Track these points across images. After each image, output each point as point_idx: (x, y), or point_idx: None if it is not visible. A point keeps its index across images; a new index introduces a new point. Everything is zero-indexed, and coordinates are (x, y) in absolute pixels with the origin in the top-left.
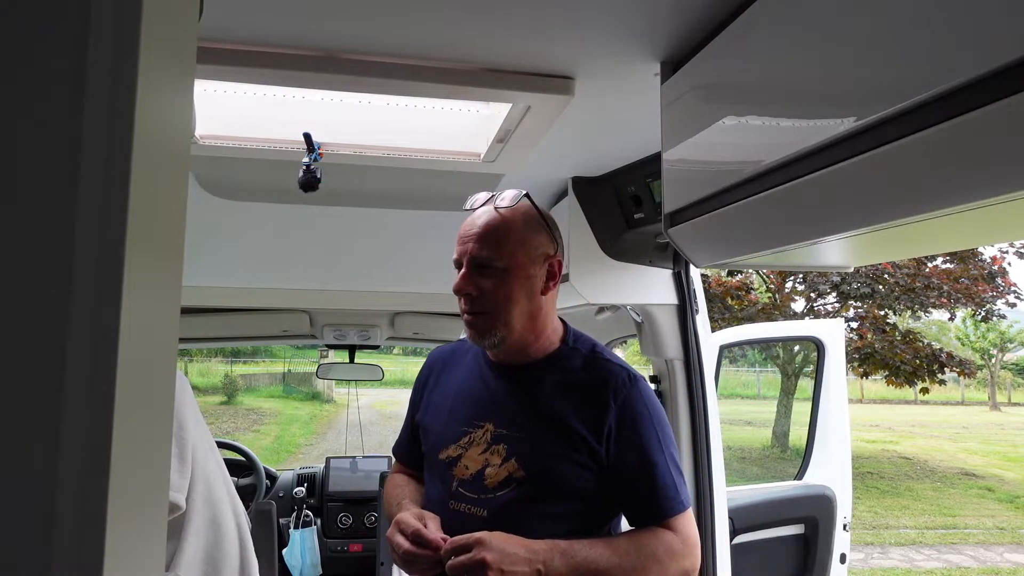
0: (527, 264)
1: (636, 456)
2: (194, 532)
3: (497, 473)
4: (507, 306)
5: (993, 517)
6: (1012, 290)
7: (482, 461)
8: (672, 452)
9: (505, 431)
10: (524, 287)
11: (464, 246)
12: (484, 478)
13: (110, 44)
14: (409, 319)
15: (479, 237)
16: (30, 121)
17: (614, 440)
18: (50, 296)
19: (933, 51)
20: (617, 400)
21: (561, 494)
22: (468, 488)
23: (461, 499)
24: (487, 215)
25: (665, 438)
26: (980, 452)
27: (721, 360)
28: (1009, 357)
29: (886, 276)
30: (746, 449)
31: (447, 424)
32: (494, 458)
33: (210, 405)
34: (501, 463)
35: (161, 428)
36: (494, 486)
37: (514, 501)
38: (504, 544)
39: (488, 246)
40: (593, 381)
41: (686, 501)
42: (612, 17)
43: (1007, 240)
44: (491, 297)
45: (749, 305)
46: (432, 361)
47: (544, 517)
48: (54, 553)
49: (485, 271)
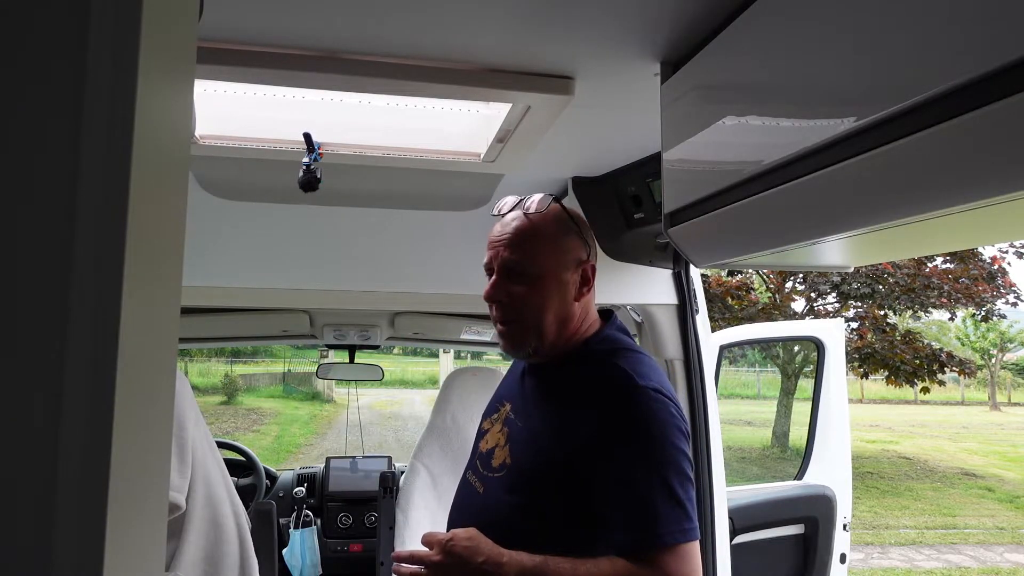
0: (559, 270)
1: (614, 471)
2: (194, 532)
3: (498, 455)
4: (540, 314)
5: (993, 517)
6: (1012, 290)
7: (494, 440)
8: (667, 476)
9: (513, 416)
10: (557, 294)
11: (494, 251)
12: (491, 457)
13: (110, 44)
14: (409, 319)
15: (510, 242)
16: (30, 121)
17: (594, 450)
18: (50, 296)
19: (933, 51)
20: (605, 409)
21: (532, 491)
22: (481, 462)
23: (474, 471)
24: (518, 220)
25: (662, 457)
26: (980, 452)
27: (721, 360)
28: (1009, 357)
29: (886, 276)
30: (746, 449)
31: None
32: (501, 439)
33: (210, 405)
34: (502, 446)
35: (161, 428)
36: (495, 467)
37: (503, 487)
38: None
39: (519, 251)
40: (590, 385)
41: (678, 535)
42: (612, 17)
43: (1007, 240)
44: (523, 304)
45: (749, 305)
46: None
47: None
48: (54, 553)
49: (517, 277)
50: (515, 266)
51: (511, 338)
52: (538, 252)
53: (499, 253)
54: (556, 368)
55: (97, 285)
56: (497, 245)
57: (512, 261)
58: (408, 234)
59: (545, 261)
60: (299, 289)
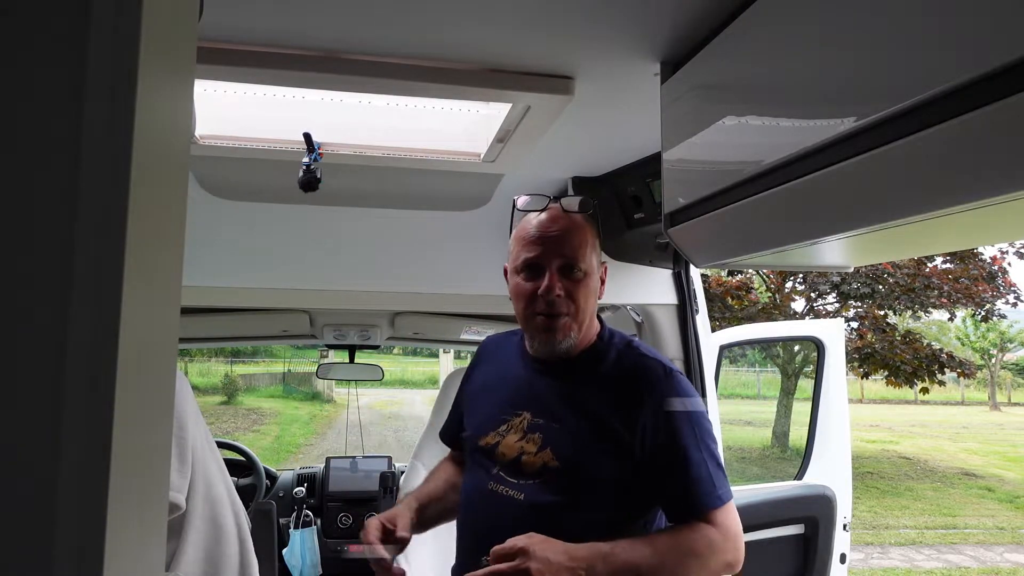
0: (596, 269)
1: (670, 450)
2: (194, 532)
3: (532, 461)
4: (585, 309)
5: (993, 517)
6: (1012, 290)
7: (518, 448)
8: (709, 445)
9: (541, 421)
10: (594, 292)
11: (544, 247)
12: (521, 464)
13: (110, 44)
14: (409, 319)
15: (562, 240)
16: (30, 121)
17: (649, 434)
18: (50, 296)
19: (933, 51)
20: (652, 394)
21: (593, 485)
22: (508, 472)
23: (501, 482)
24: (564, 219)
25: (701, 431)
26: (980, 452)
27: (721, 360)
28: (1009, 357)
29: (886, 276)
30: (746, 449)
31: (488, 412)
32: (529, 446)
33: (210, 405)
34: (536, 451)
35: (161, 428)
36: (531, 473)
37: (549, 490)
38: (546, 552)
39: (571, 249)
40: (627, 375)
41: (725, 495)
42: (612, 17)
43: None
44: (574, 300)
45: (749, 305)
46: (483, 348)
47: (577, 507)
48: (54, 553)
49: (569, 272)
50: (570, 263)
51: (560, 330)
52: (587, 251)
53: (552, 249)
54: (577, 364)
55: (97, 285)
56: (547, 242)
57: (567, 257)
58: (408, 234)
59: (591, 260)
60: (299, 289)
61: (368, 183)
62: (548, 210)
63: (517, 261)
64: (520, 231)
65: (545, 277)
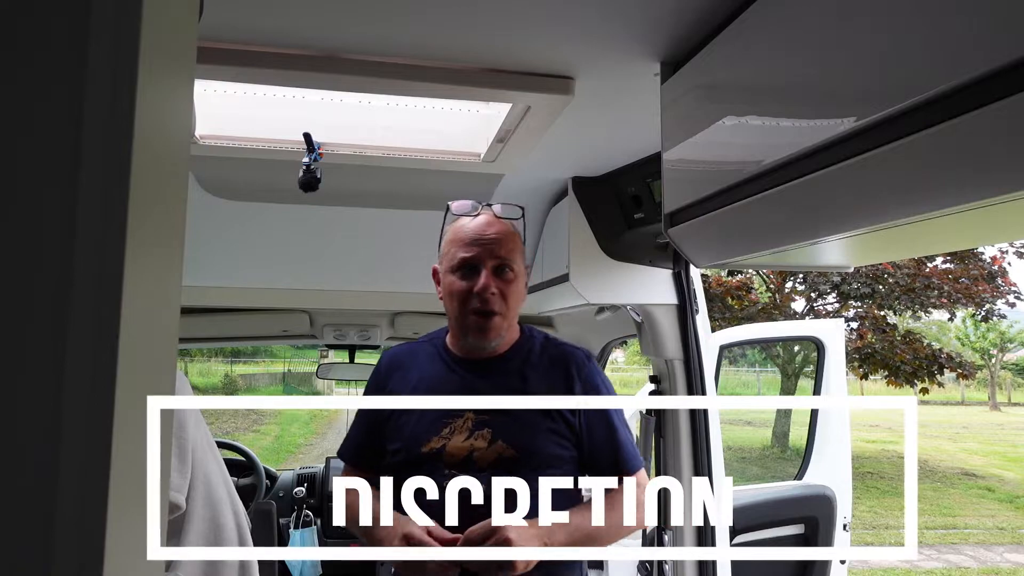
0: (523, 274)
1: (602, 423)
2: (194, 532)
3: (485, 455)
4: (514, 308)
5: (993, 517)
6: (1012, 290)
7: (467, 447)
8: (624, 419)
9: (487, 417)
10: (522, 294)
11: (480, 248)
12: (474, 460)
13: (110, 44)
14: (409, 319)
15: (497, 242)
16: (30, 121)
17: (583, 410)
18: (50, 296)
19: (932, 51)
20: (580, 375)
21: (549, 465)
22: (461, 470)
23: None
24: (498, 224)
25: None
26: (980, 452)
27: (721, 360)
28: (1009, 357)
29: (886, 276)
30: (746, 449)
31: (422, 419)
32: (479, 443)
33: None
34: (488, 446)
35: (161, 428)
36: (485, 467)
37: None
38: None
39: (506, 251)
40: (556, 362)
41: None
42: (612, 17)
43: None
44: (506, 299)
45: (749, 305)
46: (389, 361)
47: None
48: (54, 553)
49: (503, 274)
50: (504, 264)
51: (493, 328)
52: (517, 255)
53: (487, 251)
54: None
55: (97, 285)
56: (483, 243)
57: (501, 259)
58: (408, 234)
59: (520, 264)
60: (299, 289)
61: (368, 183)
62: (482, 214)
63: (453, 261)
64: (456, 233)
65: (481, 276)
